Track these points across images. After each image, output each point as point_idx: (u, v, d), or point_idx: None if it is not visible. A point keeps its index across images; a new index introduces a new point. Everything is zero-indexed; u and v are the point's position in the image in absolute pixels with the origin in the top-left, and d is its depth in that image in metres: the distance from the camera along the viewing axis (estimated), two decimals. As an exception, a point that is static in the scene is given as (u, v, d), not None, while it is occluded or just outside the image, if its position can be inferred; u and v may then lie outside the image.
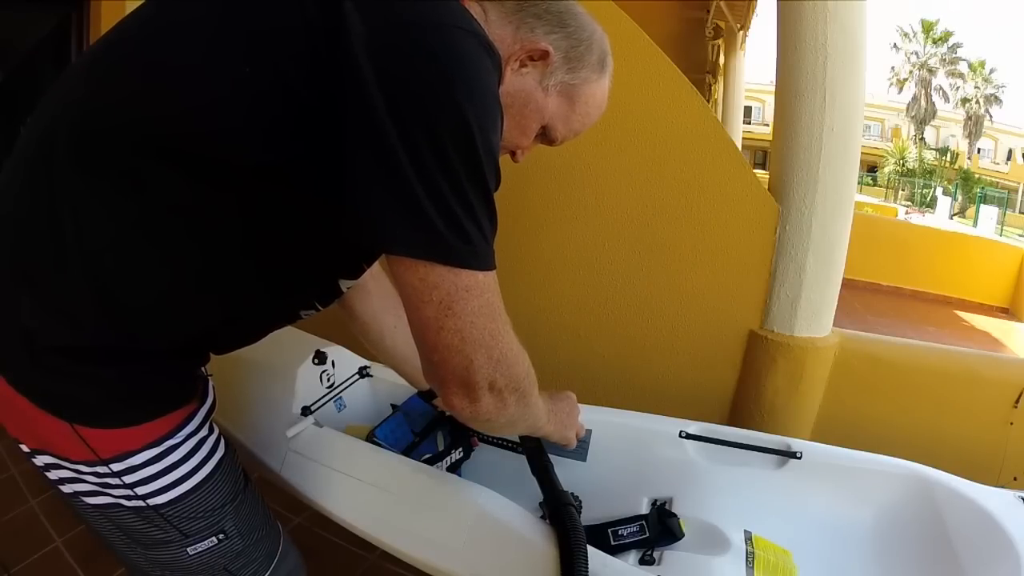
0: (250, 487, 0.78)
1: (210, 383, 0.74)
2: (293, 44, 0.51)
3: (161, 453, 0.64)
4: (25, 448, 0.65)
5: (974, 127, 26.92)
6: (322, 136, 0.52)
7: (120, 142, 0.54)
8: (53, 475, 0.65)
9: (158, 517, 0.66)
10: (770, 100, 1.94)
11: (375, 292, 0.97)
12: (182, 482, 0.66)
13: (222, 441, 0.74)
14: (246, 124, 0.53)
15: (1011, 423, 1.40)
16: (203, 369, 0.74)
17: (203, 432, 0.70)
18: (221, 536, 0.71)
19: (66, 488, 0.66)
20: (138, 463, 0.63)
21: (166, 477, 0.65)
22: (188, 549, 0.69)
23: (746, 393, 1.45)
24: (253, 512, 0.77)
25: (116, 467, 0.62)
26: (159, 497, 0.65)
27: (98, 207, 0.56)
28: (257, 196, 0.57)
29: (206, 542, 0.70)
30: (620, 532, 0.96)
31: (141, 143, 0.54)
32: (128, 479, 0.63)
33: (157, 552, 0.69)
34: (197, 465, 0.68)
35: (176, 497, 0.66)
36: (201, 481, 0.68)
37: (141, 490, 0.64)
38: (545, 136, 0.75)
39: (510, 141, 0.72)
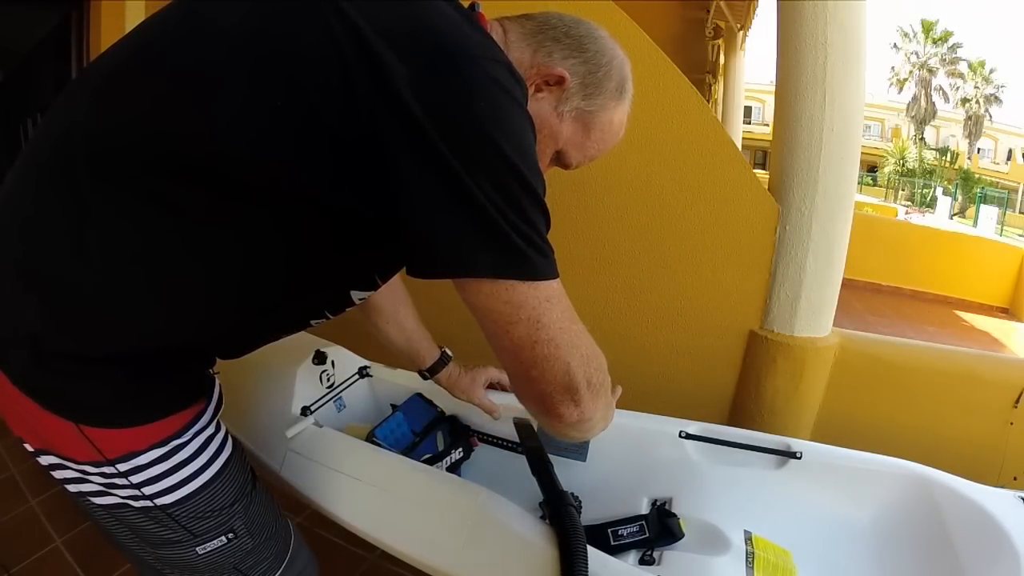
0: (259, 485, 0.78)
1: (216, 382, 0.74)
2: (326, 76, 0.51)
3: (168, 452, 0.64)
4: (29, 448, 0.64)
5: (974, 127, 26.91)
6: (357, 165, 0.53)
7: (142, 157, 0.54)
8: (58, 475, 0.65)
9: (166, 517, 0.66)
10: (770, 100, 1.94)
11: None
12: (189, 481, 0.66)
13: (230, 439, 0.74)
14: (273, 148, 0.53)
15: (1011, 423, 1.40)
16: (210, 370, 0.74)
17: (210, 431, 0.69)
18: (231, 535, 0.71)
19: (72, 488, 0.66)
20: (144, 463, 0.63)
21: (173, 477, 0.65)
22: (197, 548, 0.69)
23: (746, 393, 1.45)
24: (263, 511, 0.76)
25: (122, 467, 0.62)
26: (166, 497, 0.65)
27: (123, 220, 0.55)
28: (277, 216, 0.57)
29: (215, 541, 0.70)
30: (620, 532, 0.96)
31: (163, 159, 0.54)
32: (135, 479, 0.63)
33: (166, 551, 0.69)
34: (204, 464, 0.68)
35: (184, 497, 0.66)
36: (209, 480, 0.68)
37: (148, 490, 0.64)
38: (559, 160, 0.75)
39: None
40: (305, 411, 1.09)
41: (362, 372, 1.28)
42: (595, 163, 1.50)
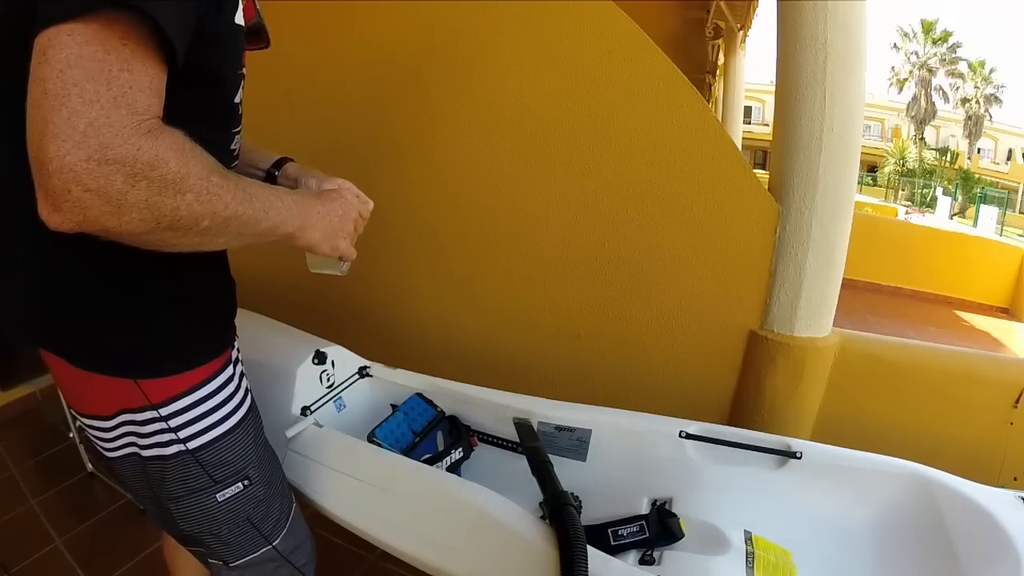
0: (268, 444, 0.85)
1: (237, 335, 0.81)
2: None
3: (203, 397, 0.71)
4: (93, 416, 0.71)
5: (974, 127, 26.87)
6: None
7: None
8: (109, 443, 0.72)
9: (193, 462, 0.72)
10: (770, 100, 1.94)
11: None
12: (218, 425, 0.73)
13: (250, 392, 0.81)
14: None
15: (1011, 423, 1.40)
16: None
17: (236, 379, 0.77)
18: (246, 482, 0.77)
19: (118, 452, 0.73)
20: (183, 406, 0.70)
21: (205, 420, 0.72)
22: (217, 496, 0.75)
23: (746, 393, 1.45)
24: (273, 467, 0.84)
25: (164, 411, 0.69)
26: (198, 440, 0.71)
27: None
28: None
29: (233, 488, 0.76)
30: (620, 532, 0.96)
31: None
32: (173, 423, 0.70)
33: (188, 503, 0.74)
34: (232, 409, 0.75)
35: (212, 439, 0.73)
36: (234, 425, 0.75)
37: (183, 433, 0.71)
38: None
39: None
40: (305, 411, 1.09)
41: (362, 372, 1.28)
42: (595, 162, 1.50)
